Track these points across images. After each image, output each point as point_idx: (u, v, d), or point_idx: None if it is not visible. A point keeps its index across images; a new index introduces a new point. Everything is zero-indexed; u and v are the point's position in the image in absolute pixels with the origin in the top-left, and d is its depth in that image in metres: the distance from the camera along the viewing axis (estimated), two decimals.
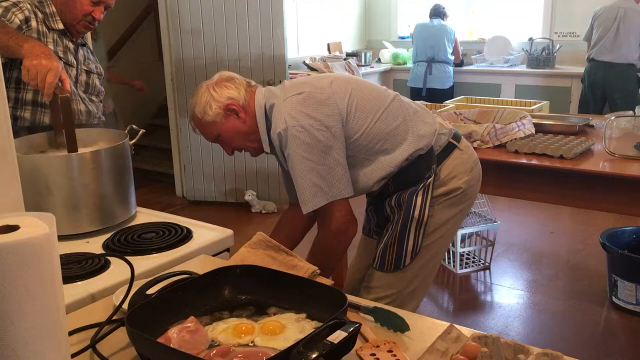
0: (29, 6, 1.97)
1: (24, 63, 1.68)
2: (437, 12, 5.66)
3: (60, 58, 1.96)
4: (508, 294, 3.32)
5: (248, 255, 1.37)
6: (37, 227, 0.85)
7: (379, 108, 1.71)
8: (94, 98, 2.16)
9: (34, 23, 1.96)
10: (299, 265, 1.34)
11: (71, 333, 1.09)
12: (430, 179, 1.71)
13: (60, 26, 2.02)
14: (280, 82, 4.34)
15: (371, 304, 1.21)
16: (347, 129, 1.68)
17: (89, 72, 2.12)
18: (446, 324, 1.09)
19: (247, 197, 4.64)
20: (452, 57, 5.66)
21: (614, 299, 3.05)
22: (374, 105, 1.71)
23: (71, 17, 2.00)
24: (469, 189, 1.79)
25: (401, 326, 1.13)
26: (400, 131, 1.71)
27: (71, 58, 2.05)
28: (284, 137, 1.63)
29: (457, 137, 1.82)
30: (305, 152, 1.61)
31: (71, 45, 2.06)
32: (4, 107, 0.96)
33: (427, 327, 1.14)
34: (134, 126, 1.87)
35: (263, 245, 1.40)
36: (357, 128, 1.68)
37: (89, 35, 2.36)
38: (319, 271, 1.34)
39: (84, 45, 2.14)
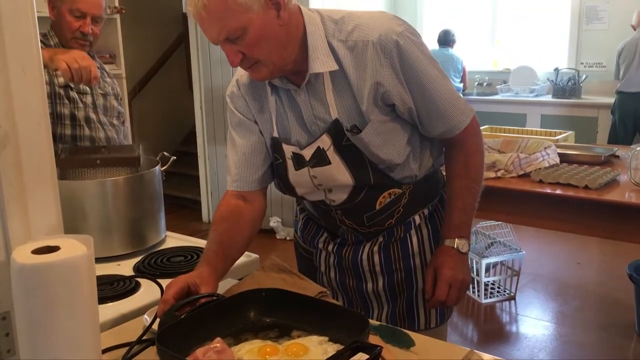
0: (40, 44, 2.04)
1: (62, 55, 1.76)
2: (446, 40, 5.69)
3: (71, 89, 1.99)
4: (534, 324, 3.29)
5: (260, 277, 1.41)
6: (76, 248, 0.91)
7: None
8: (114, 121, 2.15)
9: None
10: (309, 287, 1.38)
11: (103, 352, 1.13)
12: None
13: None
14: None
15: (375, 322, 1.22)
16: None
17: (105, 95, 2.12)
18: (467, 350, 1.11)
19: (272, 224, 4.69)
20: (460, 85, 5.68)
21: None
22: None
23: (64, 39, 2.01)
24: None
25: (407, 342, 1.15)
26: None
27: (83, 86, 2.00)
28: (399, 44, 1.26)
29: None
30: (432, 59, 1.33)
31: None
32: (48, 137, 1.02)
33: (448, 352, 1.16)
34: (165, 153, 1.93)
35: (275, 269, 1.44)
36: None
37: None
38: (328, 292, 1.37)
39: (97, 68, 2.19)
